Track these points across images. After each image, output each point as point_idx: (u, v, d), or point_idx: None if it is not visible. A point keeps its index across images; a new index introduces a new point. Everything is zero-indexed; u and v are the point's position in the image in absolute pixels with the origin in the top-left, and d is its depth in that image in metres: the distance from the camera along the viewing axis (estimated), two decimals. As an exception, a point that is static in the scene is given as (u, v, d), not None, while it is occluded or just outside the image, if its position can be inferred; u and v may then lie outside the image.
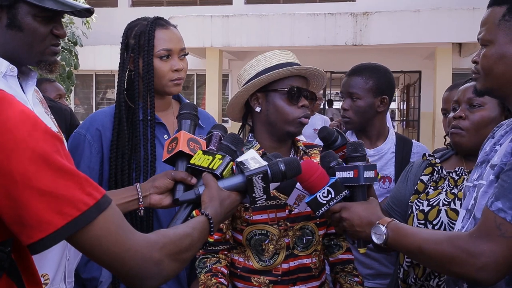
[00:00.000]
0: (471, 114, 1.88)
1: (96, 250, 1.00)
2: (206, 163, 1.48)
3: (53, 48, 1.68)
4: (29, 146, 0.92)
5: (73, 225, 0.94)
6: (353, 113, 2.41)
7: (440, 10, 12.39)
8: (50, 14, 1.59)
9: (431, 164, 2.00)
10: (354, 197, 1.66)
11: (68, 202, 0.94)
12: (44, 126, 0.97)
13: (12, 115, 0.93)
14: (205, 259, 1.85)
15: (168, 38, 2.03)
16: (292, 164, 1.49)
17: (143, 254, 1.04)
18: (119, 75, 2.07)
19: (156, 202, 1.57)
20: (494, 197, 1.32)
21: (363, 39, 12.57)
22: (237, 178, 1.46)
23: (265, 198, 1.46)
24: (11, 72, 1.61)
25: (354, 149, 1.69)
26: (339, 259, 1.99)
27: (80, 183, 0.97)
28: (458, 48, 13.70)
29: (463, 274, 1.35)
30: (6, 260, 1.00)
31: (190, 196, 1.47)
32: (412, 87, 17.02)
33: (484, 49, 1.45)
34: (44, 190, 0.92)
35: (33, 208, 0.91)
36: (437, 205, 1.87)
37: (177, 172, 1.55)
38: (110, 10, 15.81)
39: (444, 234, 1.48)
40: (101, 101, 17.00)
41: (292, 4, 15.28)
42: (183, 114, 1.66)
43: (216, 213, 1.36)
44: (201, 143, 1.59)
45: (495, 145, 1.51)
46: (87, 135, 2.01)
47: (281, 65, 1.86)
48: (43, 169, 0.92)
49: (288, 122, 1.86)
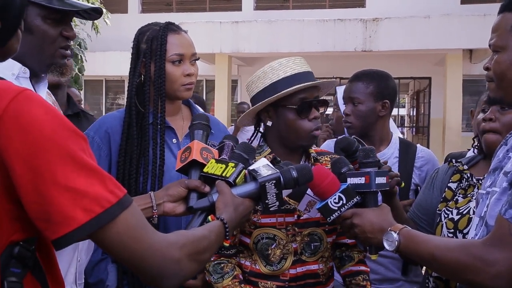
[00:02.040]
0: (502, 116, 1.85)
1: (117, 247, 1.02)
2: (219, 171, 1.51)
3: (62, 51, 1.69)
4: (56, 144, 0.95)
5: (96, 221, 0.97)
6: (355, 118, 2.42)
7: (451, 16, 12.35)
8: (59, 16, 1.59)
9: (458, 170, 1.96)
10: (365, 203, 1.65)
11: (92, 199, 0.97)
12: (70, 124, 0.99)
13: (39, 113, 0.96)
14: (222, 264, 1.85)
15: (180, 43, 2.04)
16: (304, 171, 1.52)
17: (163, 253, 1.06)
18: (129, 79, 2.07)
19: (170, 210, 1.59)
20: (508, 204, 1.30)
21: (372, 45, 12.55)
22: (250, 185, 1.48)
23: (277, 205, 1.48)
24: (23, 74, 1.62)
25: (365, 155, 1.68)
26: (350, 271, 1.97)
27: (104, 181, 1.00)
28: (468, 54, 13.65)
29: (477, 282, 1.34)
30: (30, 258, 1.03)
31: (204, 203, 1.49)
32: (422, 93, 16.96)
33: (496, 55, 1.43)
34: (69, 186, 0.95)
35: (58, 204, 0.94)
36: (468, 213, 1.83)
37: (191, 181, 1.57)
38: (120, 16, 15.90)
39: (457, 242, 1.47)
40: (110, 107, 17.09)
41: (301, 10, 15.30)
42: (195, 125, 1.71)
43: (231, 218, 1.38)
44: (213, 153, 1.63)
45: (508, 152, 1.50)
46: (95, 137, 2.01)
47: (288, 78, 1.84)
48: (69, 166, 0.95)
49: (300, 136, 1.86)
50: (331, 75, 2.38)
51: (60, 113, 0.99)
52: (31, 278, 1.04)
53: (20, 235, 1.01)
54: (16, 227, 1.00)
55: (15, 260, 1.00)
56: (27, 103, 0.96)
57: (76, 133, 1.00)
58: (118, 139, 2.01)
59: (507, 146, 1.53)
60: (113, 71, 15.31)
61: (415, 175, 2.44)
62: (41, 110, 0.97)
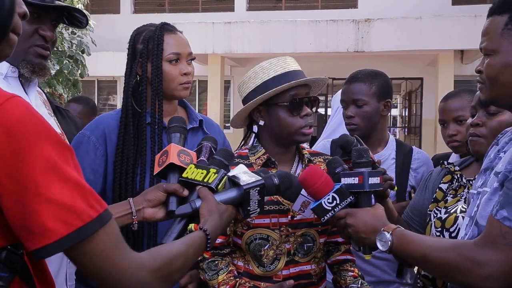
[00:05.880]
0: (488, 120, 1.85)
1: (90, 264, 1.02)
2: (201, 176, 1.48)
3: (37, 49, 1.67)
4: (40, 155, 0.94)
5: (76, 235, 0.96)
6: (360, 119, 2.39)
7: (442, 17, 12.42)
8: (36, 12, 1.57)
9: (450, 172, 1.98)
10: (359, 203, 1.66)
11: (73, 212, 0.96)
12: (56, 136, 0.98)
13: (26, 122, 0.94)
14: (216, 261, 1.85)
15: (177, 42, 2.06)
16: (285, 177, 1.54)
17: (134, 276, 1.06)
18: (125, 80, 2.08)
19: (150, 215, 1.56)
20: (499, 205, 1.31)
21: (364, 45, 12.59)
22: (232, 191, 1.46)
23: (258, 212, 1.48)
24: (12, 73, 1.61)
25: (359, 155, 1.69)
26: (337, 260, 1.99)
27: (85, 194, 0.99)
28: (460, 55, 13.73)
29: (468, 283, 1.35)
30: (18, 262, 1.02)
31: (187, 209, 1.46)
32: (414, 94, 17.02)
33: (488, 59, 1.44)
34: (51, 198, 0.94)
35: (39, 216, 0.93)
36: (455, 212, 1.85)
37: (169, 184, 1.54)
38: (112, 17, 15.87)
39: (449, 242, 1.48)
40: (103, 107, 17.02)
41: (294, 11, 15.32)
42: (172, 128, 1.68)
43: (216, 227, 1.38)
44: (191, 155, 1.60)
45: (499, 152, 1.51)
46: (91, 137, 2.01)
47: (279, 77, 1.85)
48: (52, 178, 0.94)
49: (292, 133, 1.86)
50: (324, 75, 2.41)
51: (47, 123, 0.98)
52: (18, 282, 1.03)
53: (7, 240, 1.00)
54: (3, 232, 0.99)
55: (2, 265, 1.00)
56: (14, 111, 0.94)
57: (62, 144, 0.98)
58: (115, 138, 2.01)
59: (498, 146, 1.55)
60: (106, 72, 15.26)
61: (411, 176, 2.45)
62: (28, 120, 0.95)
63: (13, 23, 1.08)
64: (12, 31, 1.09)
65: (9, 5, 1.04)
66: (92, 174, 1.98)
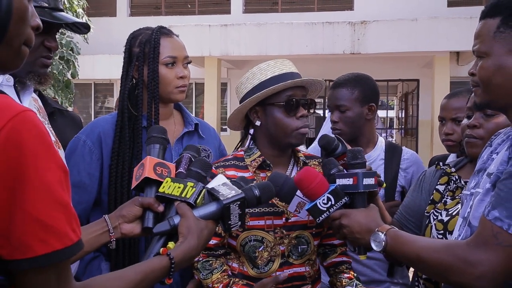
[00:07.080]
0: (485, 122, 1.86)
1: None
2: (178, 191, 1.42)
3: (43, 60, 1.67)
4: (35, 173, 0.94)
5: (53, 257, 0.95)
6: (344, 124, 2.42)
7: (438, 19, 12.44)
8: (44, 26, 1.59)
9: (446, 173, 1.98)
10: (354, 204, 1.67)
11: (55, 234, 0.95)
12: (54, 154, 0.98)
13: (28, 138, 0.95)
14: (210, 261, 1.86)
15: (173, 45, 2.07)
16: (266, 188, 1.48)
17: None
18: (121, 83, 2.09)
19: (128, 231, 1.49)
20: (491, 206, 1.32)
21: (361, 47, 12.61)
22: (211, 206, 1.40)
23: (239, 225, 1.42)
24: (7, 82, 1.62)
25: (353, 156, 1.71)
26: (333, 262, 2.01)
27: (70, 218, 0.98)
28: (456, 56, 13.75)
29: (460, 283, 1.36)
30: None
31: (165, 227, 1.39)
32: (410, 96, 17.04)
33: (481, 61, 1.45)
34: (36, 217, 0.94)
35: (21, 230, 0.93)
36: (457, 214, 1.83)
37: (144, 198, 1.49)
38: (108, 20, 15.85)
39: (442, 243, 1.49)
40: (99, 110, 17.00)
41: (290, 13, 15.34)
42: (151, 139, 1.60)
43: (194, 247, 1.33)
44: (169, 167, 1.54)
45: (492, 154, 1.52)
46: (87, 141, 2.01)
47: (276, 77, 1.87)
48: (43, 198, 0.95)
49: (288, 134, 1.88)
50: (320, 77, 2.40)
51: (48, 140, 0.98)
52: None
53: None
54: None
55: None
56: (20, 126, 0.95)
57: (58, 164, 0.98)
58: (110, 142, 2.01)
59: (491, 147, 1.56)
60: (102, 74, 15.25)
61: (400, 176, 2.47)
62: (31, 137, 0.95)
63: (25, 34, 1.07)
64: (24, 43, 1.09)
65: (6, 6, 1.03)
66: (88, 178, 1.98)
